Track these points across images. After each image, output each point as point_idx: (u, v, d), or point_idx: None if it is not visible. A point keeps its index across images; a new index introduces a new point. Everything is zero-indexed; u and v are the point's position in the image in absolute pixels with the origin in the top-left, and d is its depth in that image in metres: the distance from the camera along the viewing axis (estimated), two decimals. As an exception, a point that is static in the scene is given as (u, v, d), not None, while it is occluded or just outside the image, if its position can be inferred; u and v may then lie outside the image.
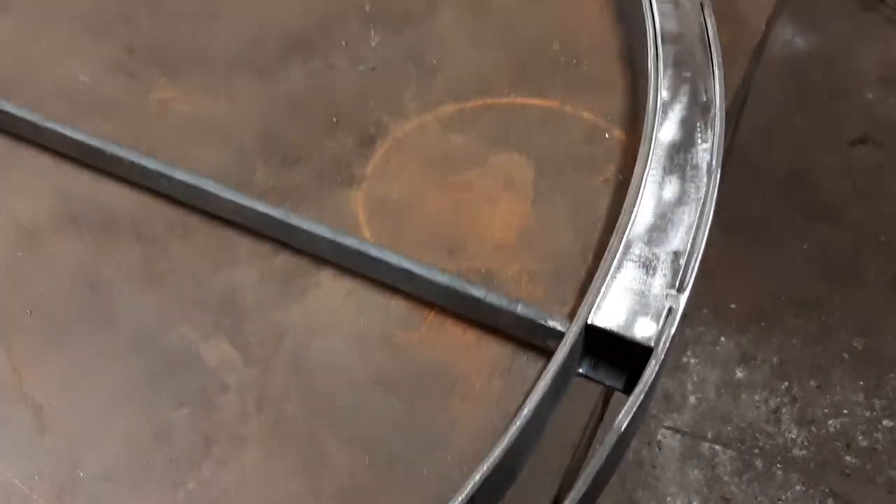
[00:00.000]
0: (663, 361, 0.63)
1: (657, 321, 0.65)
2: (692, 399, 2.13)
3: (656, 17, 0.89)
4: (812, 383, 2.13)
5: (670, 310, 0.66)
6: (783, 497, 1.94)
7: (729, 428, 2.07)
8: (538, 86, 0.96)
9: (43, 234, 0.84)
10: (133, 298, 0.78)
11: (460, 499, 0.57)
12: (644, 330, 0.65)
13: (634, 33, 0.95)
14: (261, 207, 0.78)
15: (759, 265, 2.36)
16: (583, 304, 0.67)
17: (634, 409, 0.60)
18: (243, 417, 0.69)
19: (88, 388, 0.72)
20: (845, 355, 2.16)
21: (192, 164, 0.88)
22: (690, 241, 0.70)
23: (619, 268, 0.69)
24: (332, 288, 0.78)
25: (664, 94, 0.82)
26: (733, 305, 2.28)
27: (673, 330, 0.64)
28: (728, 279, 2.32)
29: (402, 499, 0.64)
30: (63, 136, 0.85)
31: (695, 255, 0.69)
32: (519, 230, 0.83)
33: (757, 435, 2.05)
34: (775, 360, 2.18)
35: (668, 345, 0.64)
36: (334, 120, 0.94)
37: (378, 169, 0.89)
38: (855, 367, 2.14)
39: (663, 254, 0.69)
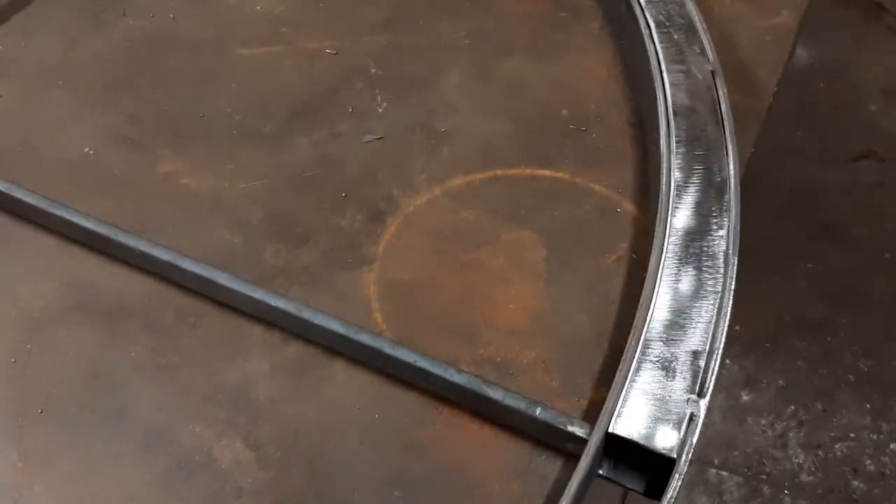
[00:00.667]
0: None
1: (678, 430, 0.64)
2: (698, 424, 2.12)
3: (667, 88, 0.88)
4: (818, 406, 2.12)
5: (691, 416, 0.65)
6: (791, 524, 1.94)
7: (735, 453, 2.07)
8: (547, 155, 0.95)
9: (51, 324, 0.83)
10: (144, 394, 0.77)
11: None
12: (666, 440, 0.64)
13: (644, 102, 0.94)
14: (273, 301, 0.77)
15: (763, 287, 2.35)
16: (603, 410, 0.66)
17: (660, 528, 0.60)
18: (260, 526, 0.69)
19: (103, 495, 0.71)
20: (851, 377, 2.16)
21: (200, 245, 0.88)
22: (709, 339, 0.69)
23: (637, 370, 0.68)
24: (345, 381, 0.77)
25: (677, 174, 0.81)
26: (737, 328, 2.27)
27: (695, 438, 0.64)
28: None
29: None
30: (71, 223, 0.84)
31: (714, 356, 0.68)
32: (533, 313, 0.82)
33: (764, 460, 2.05)
34: (780, 382, 2.17)
35: (690, 455, 0.63)
36: (343, 195, 0.93)
37: (389, 248, 0.88)
38: (861, 390, 2.13)
39: (682, 354, 0.69)
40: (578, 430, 0.67)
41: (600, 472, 0.68)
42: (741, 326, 2.28)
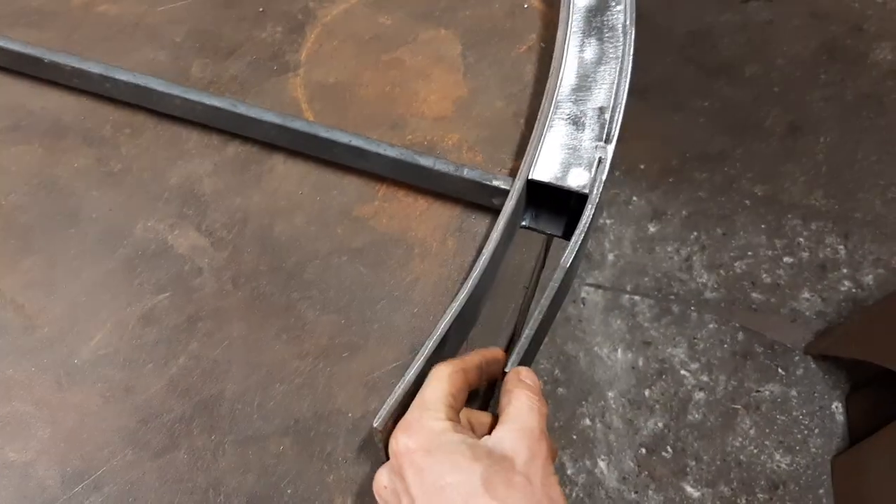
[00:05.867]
0: (598, 205, 0.71)
1: (589, 170, 0.73)
2: (610, 256, 2.27)
3: None
4: (719, 231, 2.29)
5: (600, 160, 0.73)
6: (698, 335, 2.13)
7: (646, 279, 2.23)
8: (455, -39, 1.00)
9: (-10, 146, 0.85)
10: (93, 198, 0.81)
11: (433, 341, 0.64)
12: (578, 179, 0.72)
13: None
14: (208, 100, 0.81)
15: (666, 125, 2.48)
16: (522, 162, 0.74)
17: (577, 248, 0.69)
18: (222, 295, 0.75)
19: (68, 285, 0.76)
20: (747, 202, 2.33)
21: (127, 65, 0.90)
22: (613, 96, 0.77)
23: (551, 126, 0.75)
24: (286, 171, 0.83)
25: (577, -39, 0.87)
26: (643, 166, 2.41)
27: (604, 177, 0.72)
28: (637, 141, 2.44)
29: (379, 350, 0.72)
30: (-5, 46, 0.85)
31: (618, 109, 0.76)
32: (454, 102, 0.88)
33: (672, 283, 2.22)
34: (684, 212, 2.33)
35: (600, 189, 0.72)
36: (260, 9, 0.96)
37: (312, 55, 0.92)
38: (757, 212, 2.31)
39: (590, 110, 0.77)
40: (502, 184, 0.75)
41: (523, 223, 0.77)
42: (646, 164, 2.42)
